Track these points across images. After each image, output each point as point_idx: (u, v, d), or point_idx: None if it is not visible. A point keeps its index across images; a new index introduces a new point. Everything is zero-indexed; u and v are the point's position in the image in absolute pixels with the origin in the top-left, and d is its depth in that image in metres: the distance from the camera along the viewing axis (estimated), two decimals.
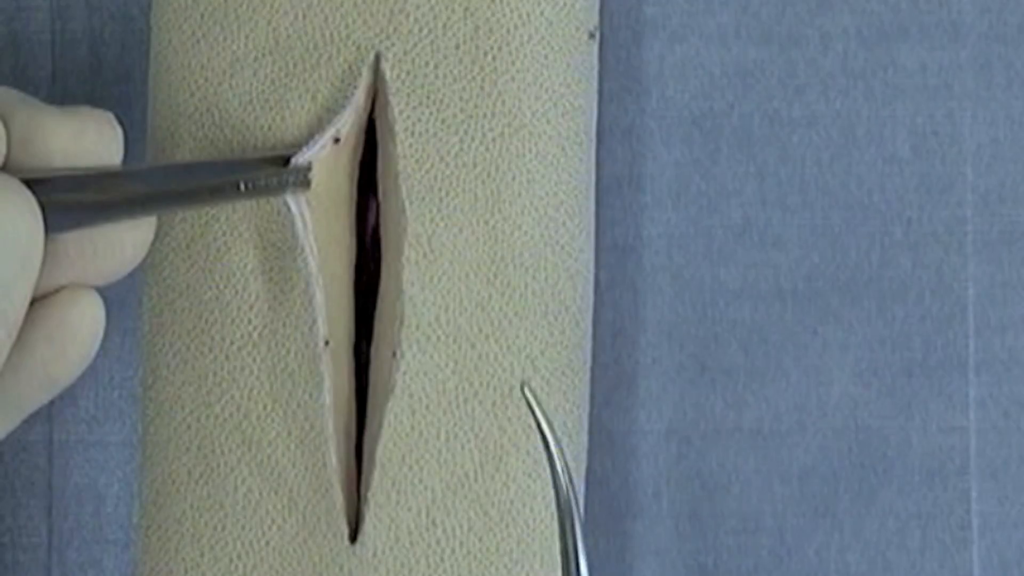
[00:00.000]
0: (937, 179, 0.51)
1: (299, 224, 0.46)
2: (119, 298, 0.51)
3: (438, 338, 0.47)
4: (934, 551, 0.51)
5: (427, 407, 0.46)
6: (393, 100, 0.47)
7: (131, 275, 0.51)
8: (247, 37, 0.47)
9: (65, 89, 0.51)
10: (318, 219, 0.47)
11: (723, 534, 0.51)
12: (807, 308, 0.51)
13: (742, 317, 0.51)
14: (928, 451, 0.51)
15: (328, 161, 0.47)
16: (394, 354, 0.47)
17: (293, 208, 0.46)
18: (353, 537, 0.47)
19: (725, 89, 0.52)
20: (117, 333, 0.51)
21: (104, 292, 0.51)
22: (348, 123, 0.47)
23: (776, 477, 0.51)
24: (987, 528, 0.51)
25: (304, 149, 0.46)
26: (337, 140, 0.47)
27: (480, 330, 0.47)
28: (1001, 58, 0.52)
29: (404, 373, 0.46)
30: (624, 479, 0.51)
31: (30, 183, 0.40)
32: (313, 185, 0.46)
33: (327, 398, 0.46)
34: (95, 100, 0.51)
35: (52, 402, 0.50)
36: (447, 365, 0.46)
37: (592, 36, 0.49)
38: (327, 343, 0.47)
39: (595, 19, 0.49)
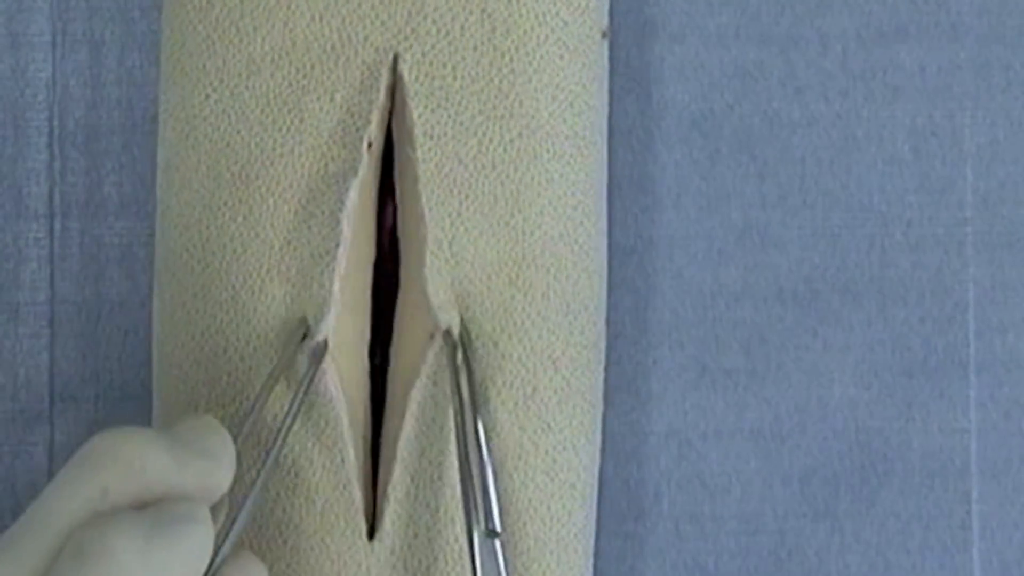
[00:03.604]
0: (937, 180, 0.51)
1: (342, 249, 0.46)
2: (120, 299, 0.51)
3: (462, 340, 0.46)
4: (935, 552, 0.51)
5: (449, 404, 0.46)
6: (412, 103, 0.47)
7: (130, 275, 0.51)
8: (264, 39, 0.47)
9: (65, 91, 0.51)
10: (353, 232, 0.47)
11: (724, 535, 0.51)
12: (807, 309, 0.51)
13: (743, 318, 0.51)
14: (929, 452, 0.51)
15: (362, 168, 0.47)
16: (422, 348, 0.47)
17: (345, 232, 0.46)
18: (371, 534, 0.47)
19: (725, 90, 0.52)
20: (118, 334, 0.51)
21: (105, 292, 0.51)
22: (374, 125, 0.47)
23: (777, 478, 0.51)
24: (988, 529, 0.51)
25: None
26: (370, 145, 0.47)
27: (503, 331, 0.47)
28: (1000, 59, 0.52)
29: (428, 371, 0.46)
30: (625, 480, 0.51)
31: None
32: (352, 200, 0.46)
33: (337, 395, 0.46)
34: (95, 101, 0.51)
35: (53, 404, 0.50)
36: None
37: (604, 36, 0.49)
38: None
39: (606, 19, 0.49)
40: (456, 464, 0.46)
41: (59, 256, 0.51)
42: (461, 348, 0.46)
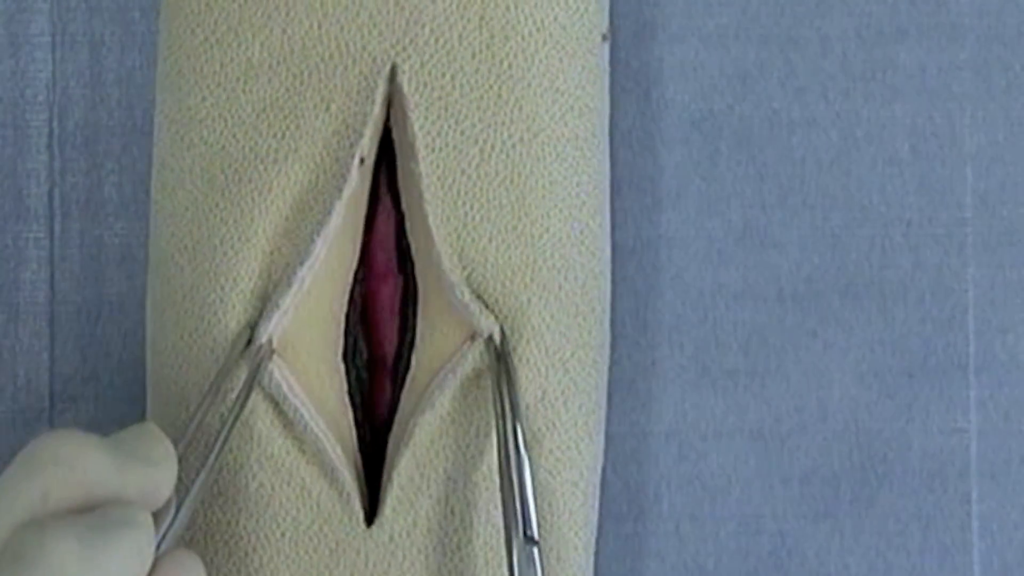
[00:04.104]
0: (937, 180, 0.51)
1: (307, 265, 0.46)
2: (120, 299, 0.51)
3: (486, 347, 0.47)
4: (934, 553, 0.51)
5: (465, 396, 0.46)
6: (412, 116, 0.47)
7: (130, 276, 0.51)
8: (262, 44, 0.47)
9: (65, 92, 0.51)
10: (337, 241, 0.47)
11: (724, 536, 0.51)
12: (807, 310, 0.51)
13: (742, 319, 0.51)
14: (928, 453, 0.51)
15: (354, 183, 0.47)
16: (452, 345, 0.47)
17: (317, 250, 0.46)
18: (369, 521, 0.47)
19: (725, 90, 0.52)
20: (118, 334, 0.51)
21: (105, 293, 0.51)
22: (366, 139, 0.47)
23: (776, 479, 0.51)
24: (987, 530, 0.51)
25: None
26: (362, 161, 0.47)
27: (521, 335, 0.47)
28: (1000, 59, 0.52)
29: (464, 370, 0.47)
30: (625, 481, 0.51)
31: None
32: (334, 221, 0.47)
33: (287, 389, 0.46)
34: (95, 102, 0.51)
35: (53, 404, 0.50)
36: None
37: (605, 38, 0.49)
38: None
39: (607, 21, 0.49)
40: (464, 460, 0.46)
41: (59, 257, 0.51)
42: (503, 354, 0.46)
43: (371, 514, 0.47)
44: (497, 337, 0.47)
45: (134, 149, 0.51)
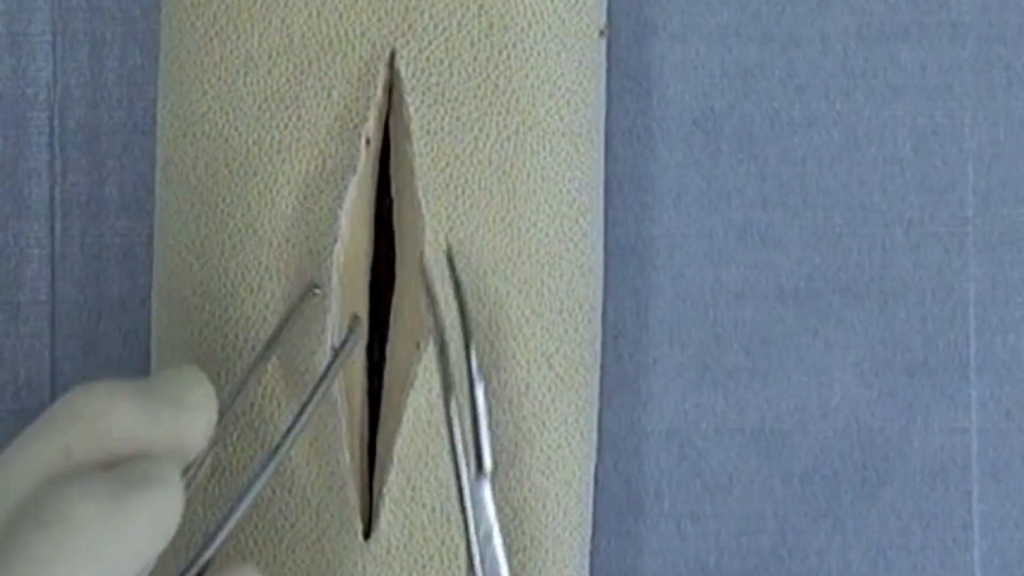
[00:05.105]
0: (938, 179, 0.51)
1: (339, 245, 0.46)
2: (121, 299, 0.51)
3: (458, 337, 0.46)
4: (936, 551, 0.51)
5: (434, 402, 0.46)
6: (408, 99, 0.47)
7: (131, 275, 0.51)
8: (261, 35, 0.47)
9: (66, 91, 0.51)
10: (351, 228, 0.47)
11: (725, 535, 0.51)
12: (808, 309, 0.51)
13: (743, 318, 0.51)
14: (930, 452, 0.51)
15: (363, 161, 0.47)
16: (418, 345, 0.47)
17: (343, 228, 0.46)
18: (366, 534, 0.47)
19: (726, 89, 0.52)
20: (119, 334, 0.51)
21: (106, 292, 0.51)
22: (371, 121, 0.47)
23: (778, 477, 0.51)
24: (989, 529, 0.51)
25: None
26: (368, 142, 0.47)
27: (499, 328, 0.47)
28: (1001, 58, 0.52)
29: (424, 370, 0.46)
30: (626, 480, 0.51)
31: None
32: (351, 196, 0.46)
33: (339, 397, 0.46)
34: (95, 101, 0.51)
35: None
36: (466, 363, 0.46)
37: (602, 34, 0.49)
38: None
39: (604, 17, 0.49)
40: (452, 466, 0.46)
41: (60, 256, 0.51)
42: (460, 306, 0.46)
43: (368, 525, 0.47)
44: (448, 334, 0.46)
45: (135, 148, 0.51)
